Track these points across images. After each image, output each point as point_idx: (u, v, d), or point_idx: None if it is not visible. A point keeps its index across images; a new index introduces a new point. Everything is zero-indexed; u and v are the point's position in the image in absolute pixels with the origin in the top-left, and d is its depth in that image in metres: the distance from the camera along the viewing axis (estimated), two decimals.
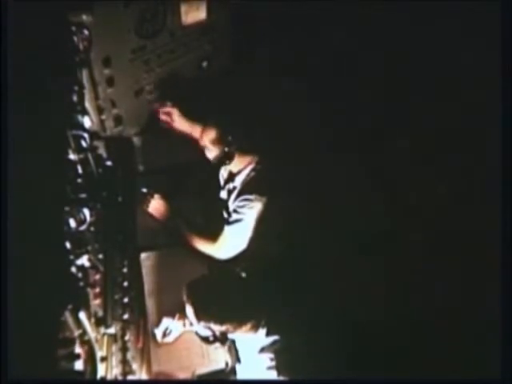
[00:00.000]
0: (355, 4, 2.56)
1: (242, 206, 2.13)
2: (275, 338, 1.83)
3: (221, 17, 2.37)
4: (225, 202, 2.31)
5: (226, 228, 2.17)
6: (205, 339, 1.81)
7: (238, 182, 2.23)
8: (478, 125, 2.28)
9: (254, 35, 2.63)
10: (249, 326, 1.77)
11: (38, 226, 1.17)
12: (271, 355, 1.82)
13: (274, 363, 1.81)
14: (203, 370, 1.89)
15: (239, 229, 2.13)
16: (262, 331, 1.82)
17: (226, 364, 1.91)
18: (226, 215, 2.26)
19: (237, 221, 2.13)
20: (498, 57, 1.79)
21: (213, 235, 2.20)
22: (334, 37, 2.76)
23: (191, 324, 1.83)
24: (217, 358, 1.92)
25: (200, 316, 1.72)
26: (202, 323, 1.74)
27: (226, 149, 2.15)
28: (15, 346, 0.95)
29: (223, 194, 2.34)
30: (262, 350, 1.84)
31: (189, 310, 1.75)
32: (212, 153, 2.19)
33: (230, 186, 2.28)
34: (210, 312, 1.72)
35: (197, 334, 1.84)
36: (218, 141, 2.15)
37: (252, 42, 2.64)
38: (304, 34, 2.77)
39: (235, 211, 2.16)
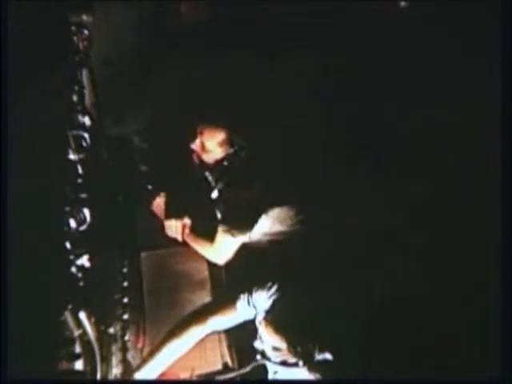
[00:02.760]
0: (356, 5, 2.57)
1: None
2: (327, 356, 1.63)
3: (221, 16, 2.37)
4: (216, 201, 2.24)
5: (220, 226, 2.11)
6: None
7: (228, 177, 2.15)
8: (479, 133, 2.30)
9: (254, 35, 2.63)
10: None
11: (38, 226, 1.17)
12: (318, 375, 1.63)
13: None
14: (201, 371, 1.87)
15: (231, 224, 2.08)
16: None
17: (225, 366, 1.89)
18: (218, 214, 2.19)
19: (228, 216, 2.09)
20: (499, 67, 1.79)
21: (209, 237, 2.16)
22: (335, 36, 2.76)
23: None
24: (215, 360, 1.91)
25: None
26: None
27: (235, 148, 2.11)
28: (15, 345, 0.95)
29: (214, 193, 2.26)
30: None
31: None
32: (214, 155, 2.15)
33: (220, 182, 2.20)
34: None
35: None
36: (227, 142, 2.11)
37: (252, 42, 2.64)
38: (305, 34, 2.78)
39: (225, 206, 2.11)
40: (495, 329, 1.52)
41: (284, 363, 1.64)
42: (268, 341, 1.60)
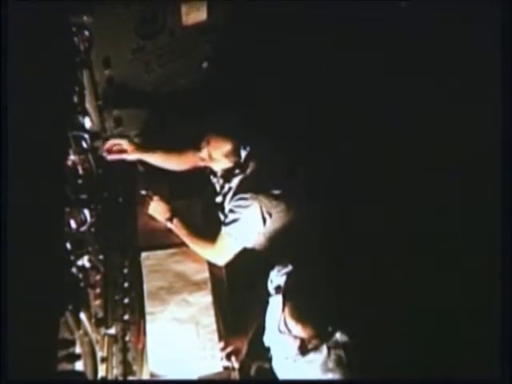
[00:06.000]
0: (357, 7, 2.58)
1: (237, 206, 2.08)
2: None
3: (221, 17, 2.36)
4: (221, 205, 2.26)
5: (223, 229, 2.12)
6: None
7: (235, 182, 2.18)
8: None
9: (255, 35, 2.63)
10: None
11: (38, 227, 1.17)
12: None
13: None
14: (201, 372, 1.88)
15: (236, 229, 2.09)
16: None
17: (226, 368, 1.89)
18: (222, 217, 2.21)
19: (234, 221, 2.09)
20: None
21: (210, 238, 2.15)
22: (334, 36, 2.77)
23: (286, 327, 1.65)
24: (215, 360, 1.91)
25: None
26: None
27: (241, 160, 2.12)
28: (15, 346, 0.95)
29: (219, 197, 2.29)
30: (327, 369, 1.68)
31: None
32: (221, 165, 2.16)
33: (226, 187, 2.23)
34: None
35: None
36: (233, 153, 2.12)
37: (252, 42, 2.64)
38: (305, 34, 2.78)
39: (231, 211, 2.11)
40: (495, 329, 1.52)
41: (303, 351, 1.64)
42: (292, 329, 1.60)
